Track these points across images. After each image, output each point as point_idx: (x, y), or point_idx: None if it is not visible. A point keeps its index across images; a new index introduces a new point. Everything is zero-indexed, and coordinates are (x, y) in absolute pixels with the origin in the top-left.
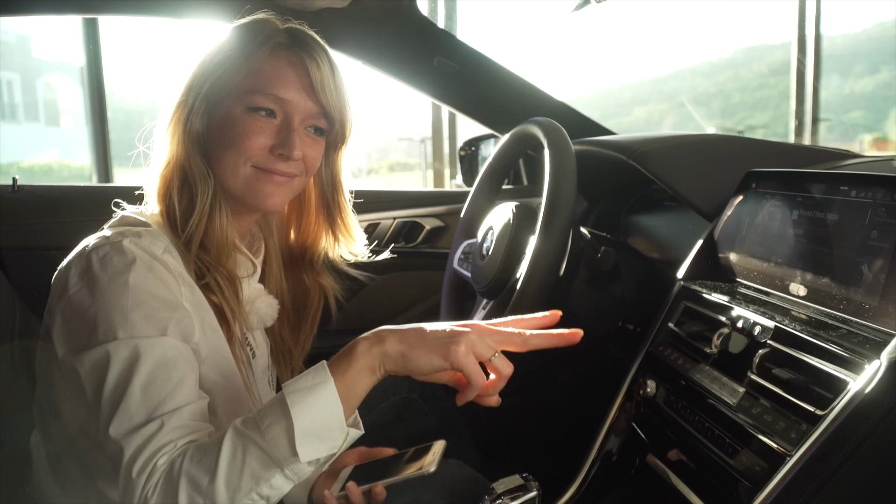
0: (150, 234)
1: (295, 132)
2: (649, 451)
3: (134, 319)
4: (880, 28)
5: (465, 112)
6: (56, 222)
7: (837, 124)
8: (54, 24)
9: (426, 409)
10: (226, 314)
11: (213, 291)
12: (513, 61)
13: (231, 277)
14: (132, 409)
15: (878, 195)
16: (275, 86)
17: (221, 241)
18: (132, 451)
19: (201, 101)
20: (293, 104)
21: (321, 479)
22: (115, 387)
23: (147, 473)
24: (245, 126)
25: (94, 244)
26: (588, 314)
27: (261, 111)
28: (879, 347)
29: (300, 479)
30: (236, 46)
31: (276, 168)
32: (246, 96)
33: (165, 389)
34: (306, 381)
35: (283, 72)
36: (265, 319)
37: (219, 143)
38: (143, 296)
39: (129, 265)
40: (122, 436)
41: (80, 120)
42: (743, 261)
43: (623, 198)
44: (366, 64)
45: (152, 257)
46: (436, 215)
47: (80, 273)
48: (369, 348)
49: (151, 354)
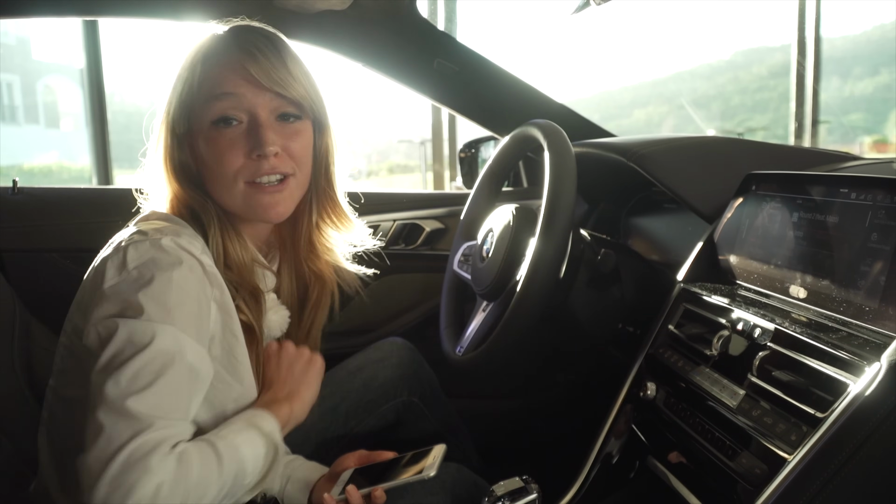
0: (188, 233)
1: (262, 127)
2: (649, 453)
3: (177, 316)
4: (880, 30)
5: (464, 114)
6: (56, 224)
7: (837, 126)
8: (54, 27)
9: (426, 412)
10: (255, 331)
11: (242, 311)
12: (513, 63)
13: (256, 294)
14: (165, 395)
15: (878, 197)
16: (220, 86)
17: (240, 260)
18: (158, 434)
19: (171, 132)
20: (247, 98)
21: (321, 482)
22: (148, 367)
23: (164, 466)
24: (217, 142)
25: (132, 240)
26: (588, 316)
27: (227, 121)
28: (880, 350)
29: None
30: (184, 68)
31: (262, 171)
32: (205, 111)
33: (192, 396)
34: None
35: (225, 73)
36: (274, 331)
37: (205, 168)
38: (186, 296)
39: (174, 264)
40: (148, 414)
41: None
42: (743, 263)
43: (623, 200)
44: (366, 66)
45: (193, 257)
46: (436, 217)
47: (117, 267)
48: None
49: (187, 356)
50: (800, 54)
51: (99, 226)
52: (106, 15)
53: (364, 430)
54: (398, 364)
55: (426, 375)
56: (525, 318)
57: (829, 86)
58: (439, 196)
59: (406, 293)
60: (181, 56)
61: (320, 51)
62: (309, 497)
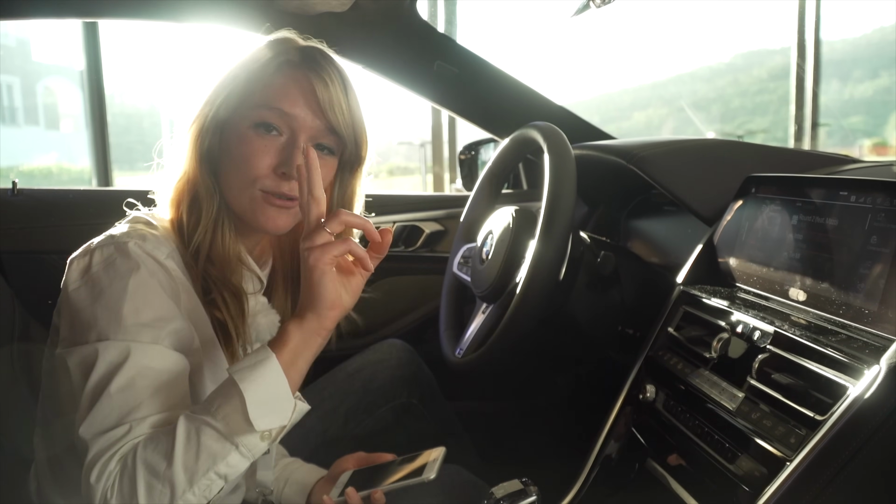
0: (156, 237)
1: (298, 149)
2: (649, 455)
3: (128, 324)
4: (880, 33)
5: (464, 116)
6: (55, 226)
7: (837, 129)
8: (54, 28)
9: (425, 413)
10: (229, 331)
11: (219, 307)
12: (513, 66)
13: (237, 293)
14: (105, 411)
15: (877, 200)
16: (279, 100)
17: (225, 256)
18: (94, 452)
19: (212, 118)
20: (297, 120)
21: (319, 484)
22: (95, 387)
23: (105, 476)
24: (250, 144)
25: (99, 243)
26: (587, 319)
27: (268, 128)
28: (879, 353)
29: (255, 456)
30: (249, 63)
31: (281, 191)
32: (252, 112)
33: (142, 396)
34: (249, 360)
35: (289, 88)
36: (263, 335)
37: (228, 162)
38: (141, 302)
39: (132, 269)
40: (90, 436)
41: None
42: (742, 265)
43: (623, 202)
44: (366, 68)
45: (156, 261)
46: (435, 219)
47: (81, 270)
48: (299, 325)
49: (137, 360)
50: (799, 57)
51: (98, 227)
52: (106, 17)
53: (363, 432)
54: (397, 366)
55: (425, 377)
56: (524, 320)
57: (828, 88)
58: (439, 198)
59: (405, 295)
60: (250, 45)
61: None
62: (307, 499)
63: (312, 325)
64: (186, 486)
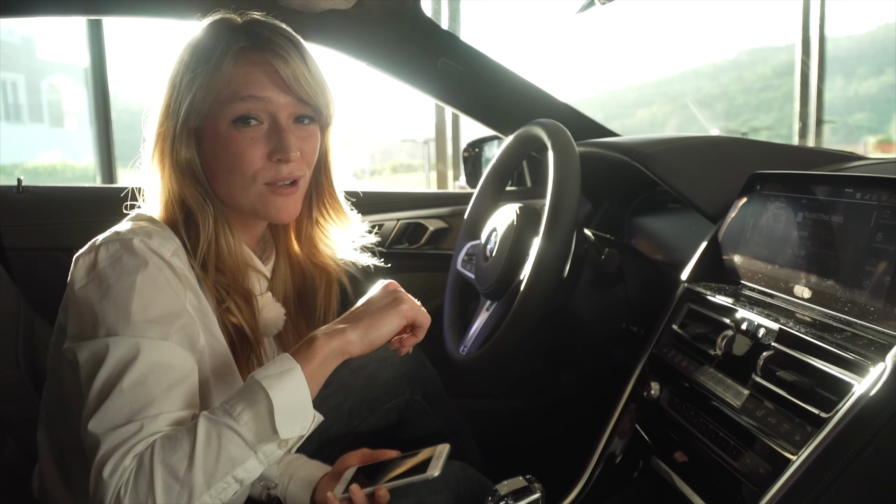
0: (160, 235)
1: (285, 131)
2: (653, 453)
3: (137, 321)
4: (885, 30)
5: (468, 113)
6: (60, 223)
7: (841, 126)
8: (59, 26)
9: (429, 411)
10: (247, 334)
11: (233, 313)
12: (517, 63)
13: (248, 297)
14: (116, 407)
15: (882, 197)
16: (248, 88)
17: (233, 263)
18: (107, 448)
19: (181, 127)
20: (272, 102)
21: (324, 481)
22: (105, 382)
23: (119, 473)
24: (237, 142)
25: (104, 239)
26: (592, 316)
27: (247, 120)
28: (884, 350)
29: (270, 463)
30: (201, 62)
31: (282, 175)
32: (225, 110)
33: (154, 393)
34: (275, 368)
35: (252, 74)
36: (270, 328)
37: (218, 167)
38: (149, 298)
39: (139, 266)
40: (102, 431)
41: (84, 121)
42: (747, 263)
43: (627, 199)
44: (370, 65)
45: (161, 258)
46: (439, 217)
47: (87, 267)
48: (328, 342)
49: (148, 356)
50: (804, 54)
51: (103, 224)
52: (110, 14)
53: (367, 429)
54: (401, 362)
55: (429, 374)
56: (528, 317)
57: (833, 85)
58: (443, 195)
59: (409, 292)
60: (191, 46)
61: (325, 50)
62: (312, 496)
63: (342, 346)
64: (204, 489)
